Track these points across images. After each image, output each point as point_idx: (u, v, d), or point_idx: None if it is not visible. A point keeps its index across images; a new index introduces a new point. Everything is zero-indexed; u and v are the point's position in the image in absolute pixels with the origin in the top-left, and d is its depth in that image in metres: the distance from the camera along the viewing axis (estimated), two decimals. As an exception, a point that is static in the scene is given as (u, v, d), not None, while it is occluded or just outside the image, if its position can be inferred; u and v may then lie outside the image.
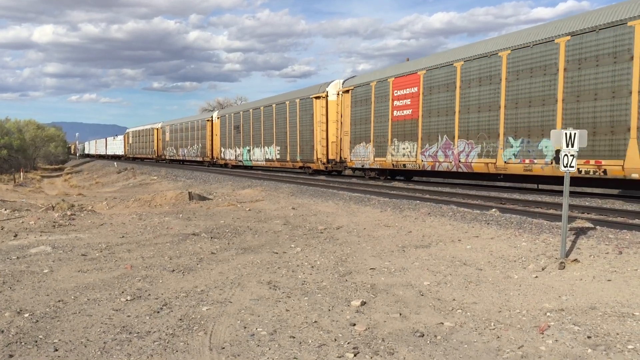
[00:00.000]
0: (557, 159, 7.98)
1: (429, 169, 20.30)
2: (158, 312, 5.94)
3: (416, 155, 20.77)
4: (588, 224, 9.94)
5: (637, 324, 5.40)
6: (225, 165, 42.34)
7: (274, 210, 14.94)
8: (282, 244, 9.94)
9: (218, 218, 13.38)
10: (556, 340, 5.03)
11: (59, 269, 7.95)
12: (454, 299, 6.41)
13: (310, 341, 5.06)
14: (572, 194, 15.06)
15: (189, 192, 17.48)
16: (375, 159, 23.44)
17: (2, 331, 5.30)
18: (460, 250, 8.98)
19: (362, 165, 24.69)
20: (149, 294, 6.62)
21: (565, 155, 7.92)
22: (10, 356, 4.71)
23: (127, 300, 6.36)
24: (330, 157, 27.45)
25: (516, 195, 15.72)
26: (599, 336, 5.11)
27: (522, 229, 10.04)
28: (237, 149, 39.57)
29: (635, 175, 13.20)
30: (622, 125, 13.42)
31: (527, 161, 16.09)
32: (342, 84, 26.71)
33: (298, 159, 30.54)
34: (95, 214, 14.46)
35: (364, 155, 24.32)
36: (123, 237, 10.78)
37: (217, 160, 44.28)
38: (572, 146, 7.86)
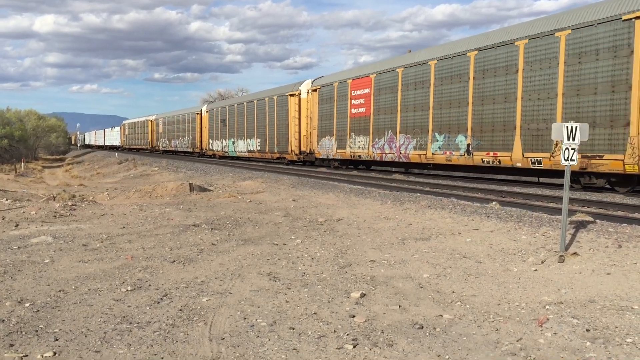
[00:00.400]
0: (468, 151, 8.17)
1: (378, 159, 23.68)
2: (158, 302, 5.96)
3: (368, 147, 24.13)
4: (588, 218, 9.95)
5: (635, 317, 5.42)
6: (213, 155, 45.27)
7: (274, 202, 14.96)
8: (282, 235, 9.96)
9: (219, 209, 13.40)
10: (555, 333, 5.04)
11: (60, 259, 7.97)
12: (453, 292, 6.42)
13: (309, 332, 5.08)
14: (573, 187, 15.06)
15: (190, 184, 17.50)
16: (337, 150, 26.74)
17: (3, 320, 5.33)
18: (460, 243, 8.99)
19: (327, 156, 28.00)
20: (150, 285, 6.64)
21: (567, 148, 7.92)
22: (11, 345, 4.74)
23: (127, 290, 6.38)
24: (303, 149, 30.67)
25: (516, 189, 15.73)
26: (598, 329, 5.12)
27: (522, 222, 10.05)
28: (224, 141, 42.58)
29: (519, 164, 16.41)
30: (511, 125, 16.65)
31: (447, 153, 19.26)
32: (312, 83, 29.89)
33: (275, 151, 33.73)
34: (96, 204, 14.48)
35: (329, 147, 27.56)
36: (124, 227, 10.80)
37: (205, 151, 47.05)
38: (574, 140, 7.84)
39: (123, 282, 6.73)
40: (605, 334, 5.01)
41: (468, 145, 18.18)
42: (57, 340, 4.87)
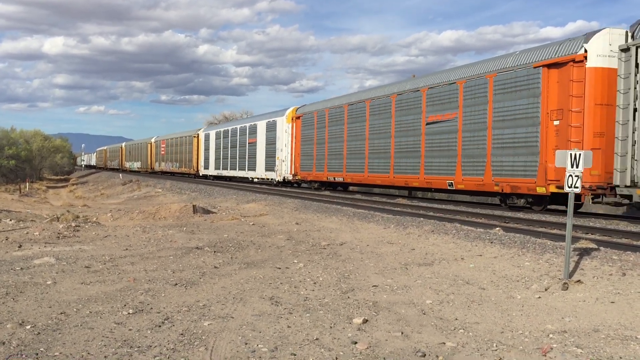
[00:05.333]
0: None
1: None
2: (160, 326, 5.94)
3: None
4: (592, 245, 9.90)
5: (640, 347, 5.37)
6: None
7: (277, 225, 14.95)
8: (285, 259, 9.94)
9: (222, 232, 13.40)
10: (558, 363, 5.00)
11: (62, 281, 7.97)
12: (456, 319, 6.38)
13: (311, 359, 5.05)
14: (577, 214, 15.02)
15: (194, 205, 17.52)
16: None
17: (4, 343, 5.31)
18: (463, 269, 8.95)
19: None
20: (151, 308, 6.62)
21: (570, 175, 7.93)
22: (12, 368, 4.72)
23: (129, 313, 6.37)
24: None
25: (520, 215, 15.69)
26: (602, 359, 5.07)
27: (526, 248, 10.01)
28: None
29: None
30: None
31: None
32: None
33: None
34: (99, 225, 14.50)
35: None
36: (127, 249, 10.80)
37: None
38: (577, 167, 7.86)
39: (125, 305, 6.71)
40: (609, 364, 4.96)
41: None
42: (57, 363, 4.84)
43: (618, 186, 13.55)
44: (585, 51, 14.45)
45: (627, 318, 6.27)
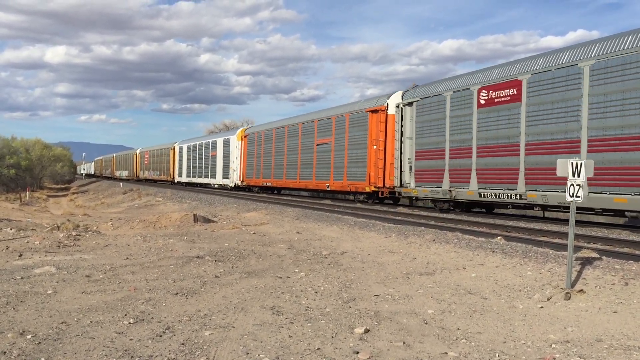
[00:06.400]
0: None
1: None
2: (161, 335, 5.91)
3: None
4: (594, 254, 9.88)
5: (643, 357, 5.34)
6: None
7: (278, 234, 14.93)
8: (286, 268, 9.91)
9: (222, 241, 13.38)
10: (562, 373, 4.97)
11: (63, 290, 7.94)
12: (458, 328, 6.36)
13: (313, 369, 5.02)
14: (579, 223, 15.01)
15: (194, 214, 17.51)
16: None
17: (5, 352, 5.29)
18: (465, 278, 8.93)
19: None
20: (152, 317, 6.60)
21: (572, 184, 7.92)
22: (12, 378, 4.69)
23: (129, 323, 6.34)
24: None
25: (521, 224, 15.68)
26: (605, 369, 5.05)
27: (528, 257, 9.98)
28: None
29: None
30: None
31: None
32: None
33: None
34: (100, 234, 14.48)
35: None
36: (127, 258, 10.78)
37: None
38: (579, 176, 7.85)
39: (125, 315, 6.69)
40: (613, 374, 4.93)
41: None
42: (58, 373, 4.82)
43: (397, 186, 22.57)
44: (387, 104, 23.44)
45: (630, 328, 6.25)
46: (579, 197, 7.88)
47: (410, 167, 21.68)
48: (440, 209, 20.93)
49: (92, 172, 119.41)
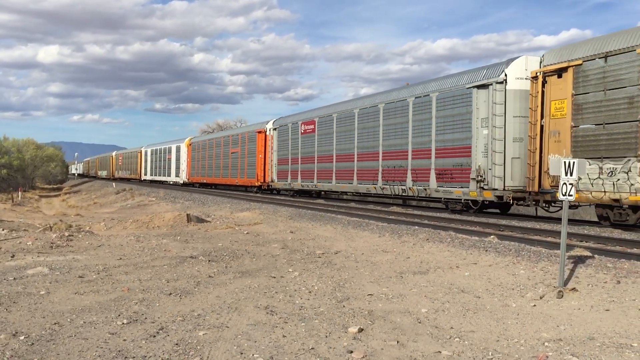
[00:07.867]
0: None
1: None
2: (154, 336, 5.90)
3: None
4: (586, 253, 9.94)
5: (635, 355, 5.38)
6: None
7: (272, 233, 14.93)
8: (279, 268, 9.91)
9: (216, 241, 13.36)
10: (554, 371, 5.00)
11: (56, 291, 7.91)
12: (451, 327, 6.38)
13: (307, 368, 5.02)
14: (571, 222, 15.09)
15: (187, 214, 17.47)
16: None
17: (-3, 354, 5.27)
18: (459, 277, 8.96)
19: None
20: (146, 318, 6.59)
21: (564, 183, 7.96)
22: (5, 380, 4.68)
23: (123, 323, 6.33)
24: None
25: (514, 222, 15.74)
26: (598, 367, 5.08)
27: (521, 256, 10.03)
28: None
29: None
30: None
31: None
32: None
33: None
34: (92, 235, 14.42)
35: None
36: (120, 259, 10.75)
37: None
38: (571, 175, 7.90)
39: (119, 315, 6.67)
40: (605, 372, 4.97)
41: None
42: (51, 374, 4.80)
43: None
44: (267, 128, 33.38)
45: (622, 326, 6.29)
46: (571, 195, 7.92)
47: (275, 169, 33.23)
48: (292, 196, 31.33)
49: (82, 172, 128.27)
